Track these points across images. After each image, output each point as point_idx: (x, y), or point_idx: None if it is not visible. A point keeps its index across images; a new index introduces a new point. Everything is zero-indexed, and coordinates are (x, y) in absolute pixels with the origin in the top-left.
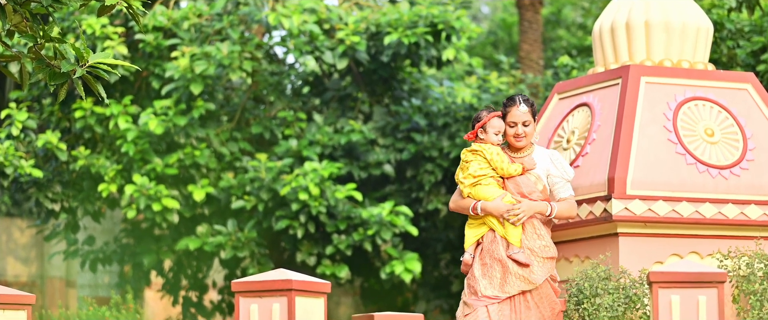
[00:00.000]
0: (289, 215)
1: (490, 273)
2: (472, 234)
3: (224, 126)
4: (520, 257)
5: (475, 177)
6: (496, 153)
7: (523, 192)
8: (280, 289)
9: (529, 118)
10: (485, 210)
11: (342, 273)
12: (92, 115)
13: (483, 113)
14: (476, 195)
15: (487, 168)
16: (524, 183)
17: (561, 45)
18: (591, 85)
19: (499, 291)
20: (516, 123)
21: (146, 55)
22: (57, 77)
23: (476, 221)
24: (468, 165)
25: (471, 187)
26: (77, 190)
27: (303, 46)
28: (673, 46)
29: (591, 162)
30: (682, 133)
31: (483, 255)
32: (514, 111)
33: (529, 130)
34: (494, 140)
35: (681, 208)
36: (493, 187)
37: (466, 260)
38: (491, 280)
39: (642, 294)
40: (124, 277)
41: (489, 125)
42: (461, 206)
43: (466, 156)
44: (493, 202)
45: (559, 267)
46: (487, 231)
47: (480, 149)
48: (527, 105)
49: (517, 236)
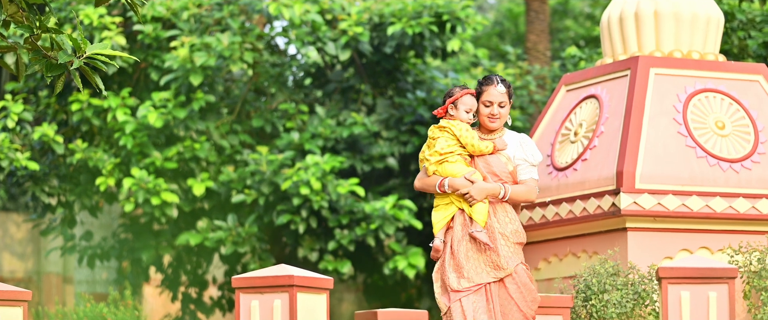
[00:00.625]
0: (291, 209)
1: (458, 261)
2: (440, 216)
3: (224, 118)
4: (481, 236)
5: (441, 154)
6: (465, 129)
7: (494, 171)
8: (282, 285)
9: (506, 99)
10: (452, 187)
11: (344, 268)
12: (89, 107)
13: (456, 89)
14: (443, 173)
15: (454, 145)
16: (495, 163)
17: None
18: (599, 77)
19: (466, 283)
20: (492, 102)
21: (145, 46)
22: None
23: (443, 201)
24: (435, 142)
25: (437, 165)
26: (74, 184)
27: (305, 37)
28: (683, 36)
29: (599, 156)
30: (692, 125)
31: (452, 241)
32: (491, 90)
33: (504, 112)
34: (464, 117)
35: (691, 202)
36: (460, 164)
37: (436, 245)
38: (459, 271)
39: (651, 290)
40: (122, 273)
41: (460, 101)
42: (427, 184)
43: (434, 132)
44: (460, 179)
45: (567, 263)
46: (456, 213)
47: (448, 125)
48: (505, 86)
49: (482, 214)
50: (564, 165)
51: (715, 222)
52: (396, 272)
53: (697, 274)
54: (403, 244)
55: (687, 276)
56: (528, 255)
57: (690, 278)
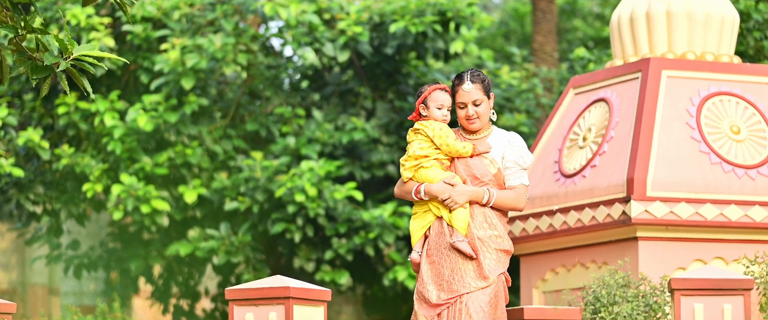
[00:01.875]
0: (286, 218)
1: (438, 272)
2: (418, 226)
3: (217, 123)
4: (463, 246)
5: (416, 158)
6: (439, 128)
7: (476, 174)
8: (277, 297)
9: (480, 95)
10: (429, 194)
11: (342, 279)
12: (77, 111)
13: (425, 87)
14: (419, 179)
15: (429, 148)
16: (476, 166)
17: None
18: (609, 79)
19: (445, 295)
20: (465, 104)
21: (134, 48)
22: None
23: (421, 209)
24: (410, 147)
25: (412, 170)
26: (61, 191)
27: (301, 38)
28: (697, 37)
29: (609, 162)
30: (706, 130)
31: (430, 251)
32: (461, 91)
33: (482, 110)
34: (438, 116)
35: (705, 211)
36: (436, 169)
37: (414, 259)
38: (440, 282)
39: (663, 302)
40: (110, 284)
41: (430, 99)
42: (404, 191)
43: (410, 136)
44: (439, 184)
45: (575, 274)
46: (434, 221)
47: (421, 127)
48: (476, 80)
49: (463, 222)
50: (572, 172)
51: (730, 231)
52: (396, 283)
53: (711, 286)
54: (403, 254)
55: (700, 287)
56: (534, 265)
57: (704, 289)
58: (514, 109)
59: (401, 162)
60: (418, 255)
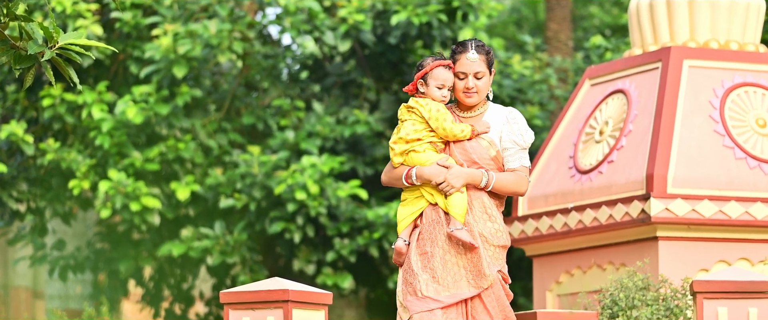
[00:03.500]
0: (285, 216)
1: (432, 264)
2: (407, 212)
3: (212, 115)
4: (462, 235)
5: (407, 141)
6: (436, 109)
7: (473, 158)
8: (275, 301)
9: (483, 68)
10: (421, 178)
11: (345, 282)
12: (62, 103)
13: (427, 60)
14: (410, 163)
15: (423, 131)
16: (474, 149)
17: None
18: (627, 70)
19: (444, 292)
20: (466, 74)
21: (124, 36)
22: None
23: (412, 195)
24: (402, 126)
25: (401, 155)
26: (45, 188)
27: (301, 25)
28: (721, 24)
29: (627, 157)
30: (730, 123)
31: (422, 242)
32: (463, 59)
33: (482, 85)
34: (437, 95)
35: (729, 209)
36: (430, 153)
37: (399, 247)
38: (434, 274)
39: (685, 306)
40: (98, 287)
41: (431, 76)
42: (393, 177)
43: (402, 113)
44: (432, 167)
45: (591, 276)
46: (427, 208)
47: (416, 105)
48: (481, 52)
49: (460, 208)
50: (588, 168)
51: (756, 231)
52: None
53: (736, 288)
54: None
55: (724, 290)
56: (548, 267)
57: (728, 292)
58: (527, 101)
59: (390, 145)
60: (405, 243)
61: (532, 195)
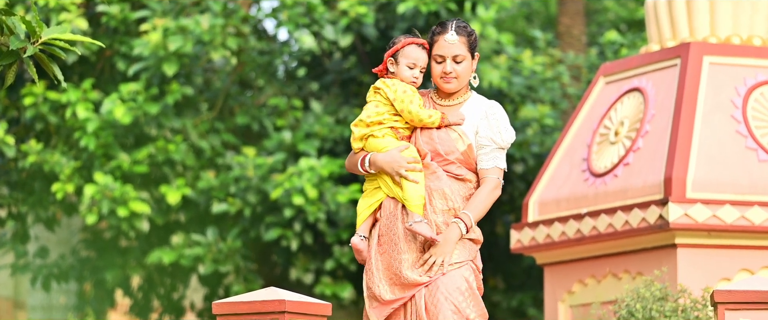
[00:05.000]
0: (282, 222)
1: (390, 264)
2: (365, 205)
3: (204, 115)
4: (422, 228)
5: (367, 124)
6: (402, 90)
7: (439, 151)
8: (271, 312)
9: (464, 52)
10: (376, 165)
11: (345, 292)
12: (45, 101)
13: (399, 38)
14: (369, 150)
15: (385, 113)
16: (441, 140)
17: (608, 18)
18: (644, 67)
19: (402, 289)
20: (444, 57)
21: (110, 31)
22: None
23: (371, 186)
24: (365, 109)
25: (361, 140)
26: (27, 192)
27: (298, 19)
28: (743, 19)
29: (644, 159)
30: (753, 123)
31: (381, 238)
32: (442, 41)
33: (462, 70)
34: (406, 75)
35: (752, 214)
36: (389, 138)
37: (354, 244)
38: (392, 276)
39: (705, 317)
40: (83, 297)
41: (401, 54)
42: (352, 162)
43: (369, 95)
44: (387, 153)
45: (606, 285)
46: (386, 200)
47: (382, 86)
48: (462, 33)
49: (417, 199)
50: (603, 171)
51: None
52: None
53: (759, 298)
54: None
55: (747, 300)
56: (560, 276)
57: (751, 303)
58: (538, 100)
59: (351, 127)
60: (361, 238)
61: (542, 199)
